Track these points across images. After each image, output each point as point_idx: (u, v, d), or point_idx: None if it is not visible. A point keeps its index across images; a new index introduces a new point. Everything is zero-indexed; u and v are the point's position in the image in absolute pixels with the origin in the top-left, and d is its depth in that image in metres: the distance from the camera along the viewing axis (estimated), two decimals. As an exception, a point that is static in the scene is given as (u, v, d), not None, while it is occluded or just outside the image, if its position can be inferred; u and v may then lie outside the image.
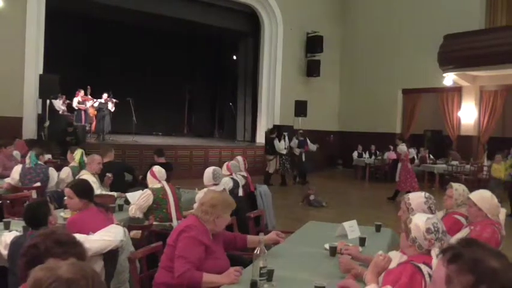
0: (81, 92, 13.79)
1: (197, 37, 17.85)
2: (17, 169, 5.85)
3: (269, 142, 13.33)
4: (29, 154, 6.01)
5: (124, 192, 5.26)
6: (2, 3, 10.85)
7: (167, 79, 17.51)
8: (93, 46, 15.76)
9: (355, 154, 15.25)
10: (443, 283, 1.27)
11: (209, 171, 5.09)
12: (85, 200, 3.45)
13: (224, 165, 6.11)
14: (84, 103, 13.72)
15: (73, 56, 15.15)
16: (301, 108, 15.46)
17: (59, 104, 12.59)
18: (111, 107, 13.76)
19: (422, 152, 13.89)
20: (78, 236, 2.02)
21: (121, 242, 3.11)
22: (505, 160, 10.78)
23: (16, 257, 2.24)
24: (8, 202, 4.94)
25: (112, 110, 13.81)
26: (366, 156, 15.16)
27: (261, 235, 3.16)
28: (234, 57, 18.45)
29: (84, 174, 5.25)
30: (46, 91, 10.92)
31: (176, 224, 4.26)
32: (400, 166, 11.18)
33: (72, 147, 6.77)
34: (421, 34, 15.29)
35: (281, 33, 16.24)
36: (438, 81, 14.72)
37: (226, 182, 5.61)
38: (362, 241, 3.56)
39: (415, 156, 13.37)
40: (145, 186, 4.94)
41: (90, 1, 12.85)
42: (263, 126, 16.05)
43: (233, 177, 5.94)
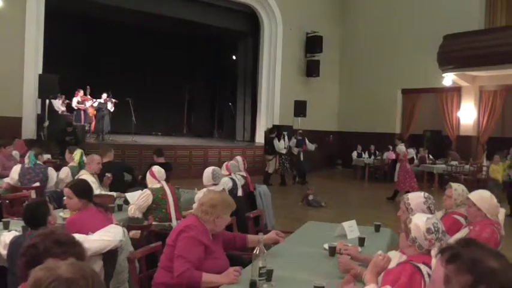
0: (80, 92, 13.78)
1: (197, 37, 17.85)
2: (16, 169, 5.84)
3: (268, 142, 13.32)
4: (28, 154, 6.00)
5: (123, 192, 5.26)
6: (2, 3, 10.83)
7: (166, 79, 17.50)
8: (92, 46, 15.76)
9: (354, 154, 15.25)
10: (442, 283, 1.27)
11: (208, 171, 5.09)
12: (84, 200, 3.45)
13: (223, 165, 6.11)
14: (83, 103, 13.71)
15: (72, 56, 15.15)
16: (300, 108, 15.46)
17: (58, 104, 12.58)
18: (110, 107, 13.76)
19: (421, 152, 13.89)
20: (77, 236, 2.02)
21: (120, 242, 3.11)
22: (504, 160, 10.78)
23: (15, 257, 2.24)
24: (7, 202, 4.94)
25: (111, 110, 13.81)
26: (365, 156, 15.16)
27: (261, 235, 3.15)
28: (234, 57, 18.44)
29: (83, 174, 5.25)
30: (45, 91, 10.92)
31: (175, 224, 4.26)
32: (399, 166, 11.18)
33: (70, 147, 6.74)
34: (421, 34, 15.30)
35: (280, 33, 16.24)
36: (438, 81, 14.73)
37: (225, 182, 5.61)
38: (361, 241, 3.56)
39: (415, 156, 13.37)
40: (144, 186, 4.94)
41: (89, 1, 12.84)
42: (262, 126, 16.05)
43: (232, 177, 5.94)
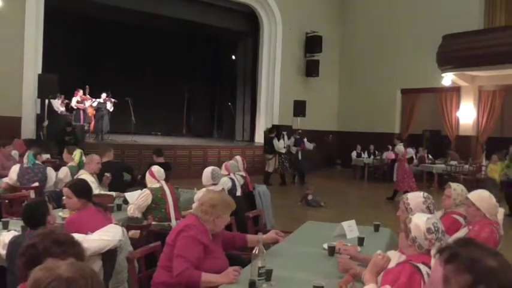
0: (80, 92, 13.76)
1: (196, 37, 17.84)
2: (15, 169, 5.83)
3: (268, 141, 13.33)
4: (27, 154, 5.99)
5: (122, 192, 5.25)
6: (1, 3, 10.83)
7: (166, 79, 17.50)
8: (92, 46, 15.75)
9: (353, 154, 15.25)
10: (440, 283, 1.27)
11: (208, 171, 5.09)
12: (83, 200, 3.45)
13: (223, 165, 6.12)
14: (82, 103, 13.70)
15: (72, 56, 15.15)
16: (300, 108, 15.46)
17: (58, 104, 12.56)
18: (109, 107, 13.75)
19: (421, 152, 13.89)
20: (76, 236, 2.02)
21: (119, 242, 3.11)
22: (504, 160, 10.79)
23: (14, 257, 2.24)
24: (7, 202, 4.94)
25: (111, 110, 13.80)
26: (365, 156, 15.16)
27: (260, 235, 3.15)
28: (233, 57, 18.44)
29: (82, 174, 5.25)
30: (45, 91, 10.92)
31: (175, 224, 4.26)
32: (397, 166, 11.20)
33: (68, 146, 6.72)
34: (420, 34, 15.30)
35: (280, 33, 16.24)
36: (437, 81, 14.74)
37: (224, 182, 5.61)
38: (360, 241, 3.56)
39: (414, 156, 13.39)
40: (144, 186, 4.94)
41: (89, 1, 12.84)
42: (262, 126, 16.05)
43: (231, 177, 5.94)
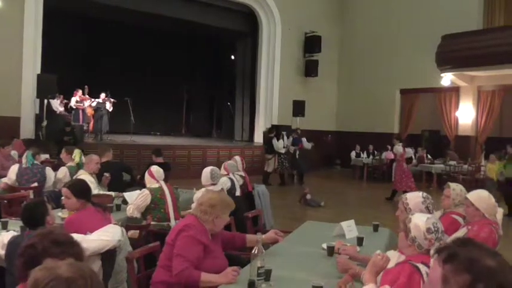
0: (79, 92, 13.75)
1: (195, 37, 17.84)
2: (14, 169, 5.82)
3: (267, 141, 13.33)
4: (26, 154, 5.98)
5: (122, 192, 5.25)
6: (0, 3, 10.81)
7: (165, 79, 17.50)
8: (91, 46, 15.75)
9: (353, 154, 15.25)
10: (439, 283, 1.27)
11: (207, 171, 5.09)
12: (82, 200, 3.44)
13: (222, 165, 6.12)
14: (82, 103, 13.70)
15: (71, 56, 15.14)
16: (299, 108, 15.46)
17: (57, 104, 12.55)
18: (109, 107, 13.74)
19: (420, 152, 13.89)
20: (75, 236, 2.02)
21: (119, 242, 3.11)
22: (503, 160, 10.81)
23: (13, 257, 2.24)
24: (6, 202, 4.93)
25: (110, 110, 13.79)
26: (364, 156, 15.18)
27: (259, 235, 3.15)
28: (232, 57, 18.44)
29: (82, 174, 5.25)
30: (44, 91, 10.91)
31: (174, 224, 4.25)
32: (395, 166, 11.22)
33: (67, 146, 6.70)
34: (419, 34, 15.31)
35: (279, 33, 16.24)
36: (436, 81, 14.75)
37: (224, 182, 5.61)
38: (360, 241, 3.56)
39: (413, 156, 13.38)
40: (143, 186, 4.93)
41: (88, 1, 12.83)
42: (261, 126, 16.05)
43: (231, 177, 5.94)
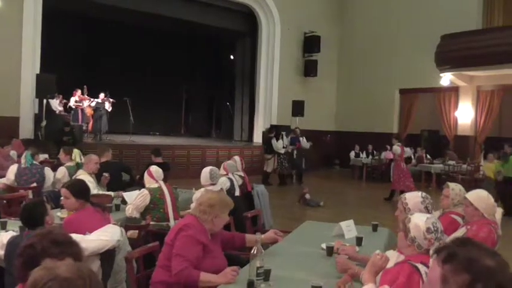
0: (78, 92, 13.74)
1: (195, 37, 17.82)
2: (13, 169, 5.81)
3: (267, 141, 13.34)
4: (25, 154, 5.97)
5: (122, 190, 5.25)
6: (0, 3, 10.80)
7: (164, 79, 17.49)
8: (90, 46, 15.74)
9: (352, 154, 15.26)
10: (439, 283, 1.28)
11: (206, 171, 5.09)
12: (81, 200, 3.44)
13: (222, 165, 6.12)
14: (81, 103, 13.69)
15: (70, 56, 15.13)
16: (298, 108, 15.45)
17: (56, 104, 12.55)
18: (108, 107, 13.73)
19: (419, 152, 13.89)
20: (74, 236, 2.02)
21: (118, 242, 3.11)
22: (503, 159, 10.82)
23: (12, 257, 2.24)
24: (5, 202, 4.93)
25: (109, 110, 13.78)
26: (363, 156, 15.18)
27: (258, 234, 3.16)
28: (232, 57, 18.43)
29: (81, 174, 5.25)
30: (43, 91, 10.90)
31: (173, 224, 4.26)
32: (393, 165, 11.24)
33: (65, 147, 6.69)
34: (419, 34, 15.31)
35: (278, 33, 16.23)
36: (435, 81, 14.75)
37: (223, 182, 5.61)
38: (359, 241, 3.56)
39: (412, 156, 13.40)
40: (142, 186, 4.93)
41: (87, 1, 12.81)
42: (260, 126, 16.05)
43: (230, 177, 5.95)
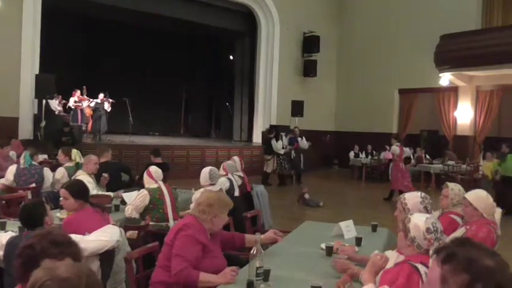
0: (77, 92, 13.73)
1: (195, 37, 17.81)
2: (12, 169, 5.80)
3: (266, 142, 13.33)
4: (23, 154, 5.95)
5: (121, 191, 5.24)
6: (-1, 3, 10.81)
7: (164, 79, 17.47)
8: (89, 46, 15.73)
9: (351, 154, 15.26)
10: (438, 283, 1.28)
11: (206, 171, 5.09)
12: (80, 201, 3.44)
13: (221, 165, 6.12)
14: (80, 103, 13.68)
15: (69, 56, 15.12)
16: (297, 108, 15.45)
17: (55, 104, 12.53)
18: (107, 107, 13.71)
19: (418, 152, 13.90)
20: (74, 237, 2.01)
21: (117, 242, 3.11)
22: (501, 159, 10.83)
23: (12, 258, 2.24)
24: (4, 202, 4.93)
25: (108, 110, 13.76)
26: (363, 156, 15.19)
27: (258, 235, 3.16)
28: (231, 57, 18.43)
29: (80, 174, 5.24)
30: (42, 91, 10.88)
31: (173, 225, 4.25)
32: (392, 165, 11.26)
33: (63, 147, 6.66)
34: (418, 34, 15.32)
35: (278, 33, 16.23)
36: (434, 81, 14.75)
37: (222, 182, 5.61)
38: (358, 241, 3.56)
39: (412, 156, 13.40)
40: (141, 186, 4.93)
41: (87, 0, 12.80)
42: (260, 126, 16.05)
43: (229, 177, 5.95)
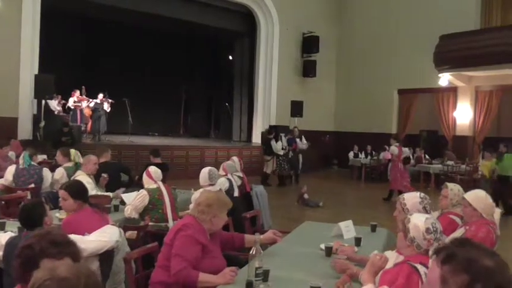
0: (76, 92, 13.72)
1: (194, 37, 17.81)
2: (11, 170, 5.79)
3: (266, 143, 13.33)
4: (23, 155, 5.94)
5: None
6: (-2, 3, 10.81)
7: (163, 79, 17.47)
8: (89, 46, 15.72)
9: (351, 154, 15.26)
10: (438, 284, 1.28)
11: (205, 171, 5.09)
12: (79, 201, 3.43)
13: (221, 165, 6.12)
14: (79, 103, 13.67)
15: (69, 56, 15.11)
16: (297, 108, 15.46)
17: (55, 104, 12.53)
18: (106, 107, 13.70)
19: (418, 152, 13.90)
20: (73, 237, 2.01)
21: (116, 243, 3.10)
22: (501, 159, 10.85)
23: (11, 258, 2.24)
24: (3, 203, 4.92)
25: (108, 110, 13.76)
26: (362, 156, 15.19)
27: (257, 235, 3.15)
28: (230, 57, 18.42)
29: (79, 174, 5.24)
30: (41, 91, 10.87)
31: (172, 225, 4.25)
32: (391, 165, 11.26)
33: (62, 148, 6.65)
34: (418, 34, 15.32)
35: (277, 33, 16.23)
36: (434, 81, 14.75)
37: (222, 183, 5.61)
38: (358, 241, 3.56)
39: (411, 156, 13.40)
40: (141, 186, 4.93)
41: (86, 1, 12.79)
42: (259, 126, 16.04)
43: (229, 177, 5.94)
